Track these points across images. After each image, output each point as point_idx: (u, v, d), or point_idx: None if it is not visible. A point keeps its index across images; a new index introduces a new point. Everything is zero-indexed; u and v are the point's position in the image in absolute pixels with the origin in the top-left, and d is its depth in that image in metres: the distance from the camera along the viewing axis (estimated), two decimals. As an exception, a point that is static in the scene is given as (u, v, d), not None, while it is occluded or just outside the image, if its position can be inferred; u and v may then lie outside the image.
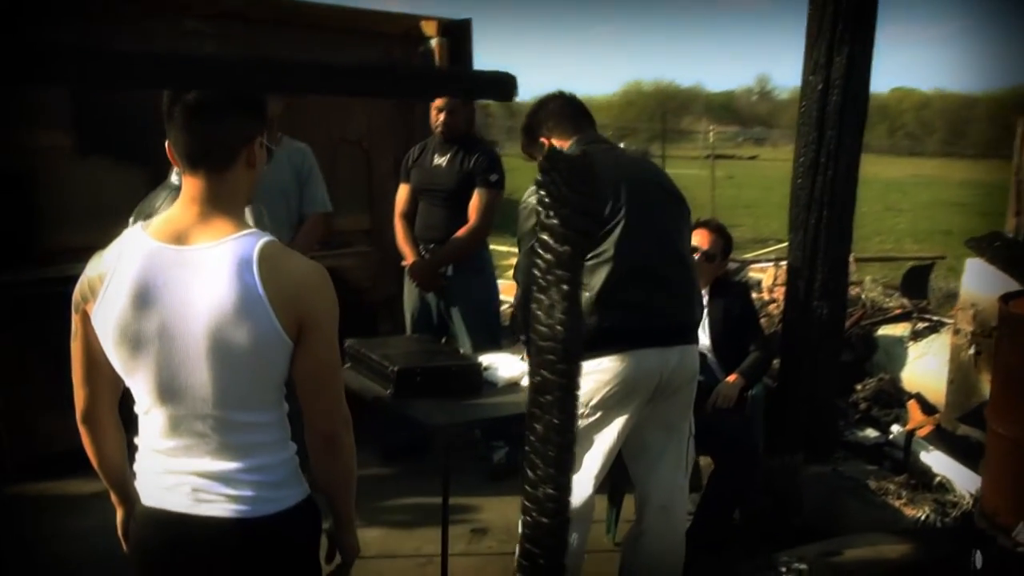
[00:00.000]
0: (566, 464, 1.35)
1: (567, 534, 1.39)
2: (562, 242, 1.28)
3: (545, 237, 1.31)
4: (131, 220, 2.91)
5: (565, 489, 1.35)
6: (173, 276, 1.87)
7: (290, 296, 1.88)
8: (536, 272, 1.34)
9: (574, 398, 1.33)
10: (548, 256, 1.31)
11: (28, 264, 4.85)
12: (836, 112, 4.23)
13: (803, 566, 2.14)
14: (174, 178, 3.00)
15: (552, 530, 1.36)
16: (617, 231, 3.08)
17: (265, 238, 1.92)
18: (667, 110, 32.99)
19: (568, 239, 1.27)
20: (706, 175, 21.70)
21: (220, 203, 1.93)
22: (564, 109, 3.42)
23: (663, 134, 20.98)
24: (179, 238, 1.90)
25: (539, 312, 1.33)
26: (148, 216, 2.29)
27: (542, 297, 1.32)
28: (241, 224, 1.94)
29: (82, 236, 1.99)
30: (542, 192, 1.31)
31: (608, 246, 3.08)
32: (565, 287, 1.28)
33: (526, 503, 1.39)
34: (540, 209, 1.32)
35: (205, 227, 1.91)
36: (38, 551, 4.11)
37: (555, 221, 1.28)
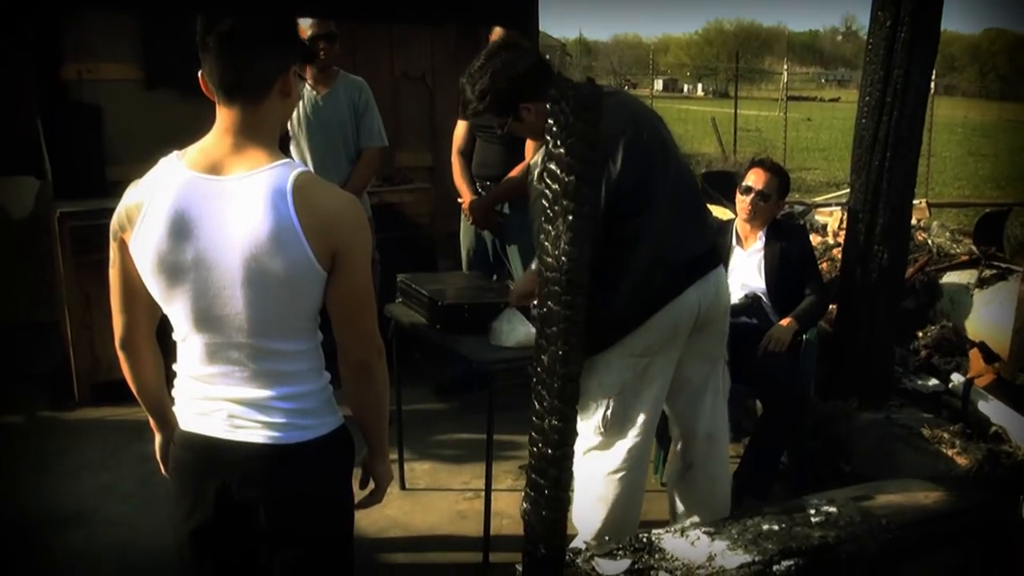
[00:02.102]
0: (571, 396, 1.35)
1: (571, 465, 1.40)
2: (568, 172, 1.27)
3: (552, 167, 1.30)
4: None
5: (570, 420, 1.36)
6: (208, 206, 1.90)
7: (324, 226, 1.90)
8: (543, 203, 1.34)
9: (578, 329, 1.33)
10: (555, 186, 1.30)
11: (96, 195, 4.96)
12: (905, 49, 4.08)
13: (832, 509, 2.12)
14: None
15: (557, 461, 1.37)
16: (659, 184, 3.00)
17: (299, 168, 1.94)
18: (747, 50, 32.19)
19: (574, 169, 1.26)
20: (781, 117, 21.29)
21: (254, 133, 1.95)
22: (538, 67, 3.10)
23: (737, 74, 20.55)
24: (214, 168, 1.92)
25: (545, 243, 1.33)
26: None
27: (548, 228, 1.32)
28: (275, 154, 1.95)
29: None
30: (549, 121, 1.30)
31: (650, 201, 2.99)
32: (571, 217, 1.27)
33: (532, 434, 1.40)
34: (547, 139, 1.31)
35: (239, 157, 1.92)
36: (100, 474, 4.26)
37: (561, 151, 1.27)
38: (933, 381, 4.69)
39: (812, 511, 2.12)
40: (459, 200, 5.01)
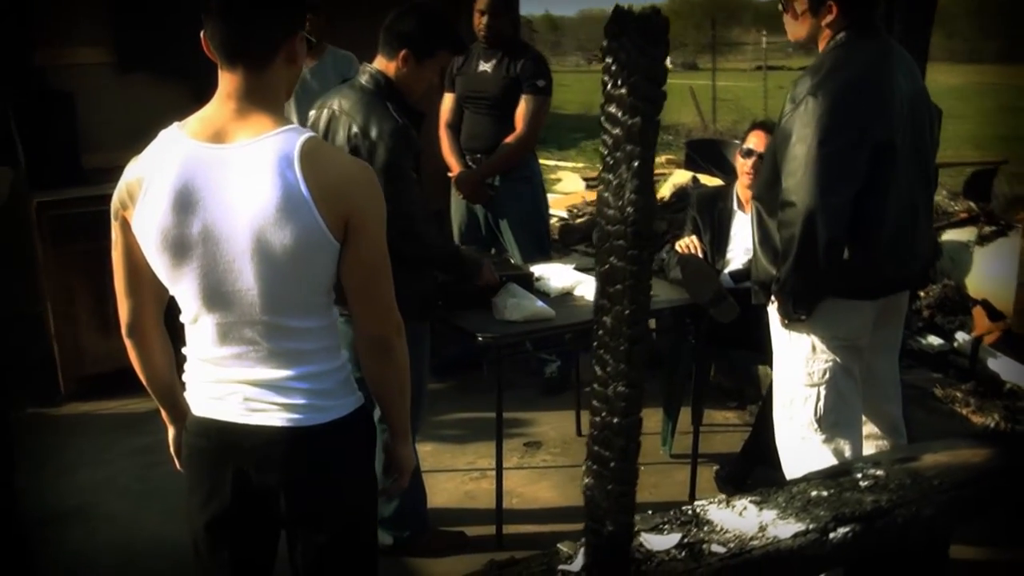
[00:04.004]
0: (638, 359, 1.25)
1: (638, 435, 1.29)
2: (632, 113, 1.16)
3: (612, 109, 1.19)
4: None
5: (637, 385, 1.26)
6: (213, 176, 1.78)
7: (334, 194, 1.78)
8: (602, 150, 1.23)
9: (646, 287, 1.22)
10: (615, 131, 1.19)
11: (73, 183, 4.81)
12: (901, 10, 4.00)
13: (880, 472, 2.03)
14: None
15: (624, 430, 1.27)
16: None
17: (307, 134, 1.82)
18: (716, 20, 32.14)
19: (639, 109, 1.16)
20: (755, 86, 21.22)
21: (258, 99, 1.83)
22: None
23: (714, 42, 20.44)
24: (217, 136, 1.80)
25: (606, 194, 1.22)
26: None
27: (609, 176, 1.21)
28: (281, 120, 1.84)
29: (127, 154, 1.89)
30: (608, 60, 1.19)
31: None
32: (636, 163, 1.16)
33: (595, 403, 1.30)
34: (604, 79, 1.20)
35: (243, 123, 1.81)
36: (94, 470, 4.13)
37: (623, 91, 1.16)
38: (938, 340, 4.64)
39: (859, 475, 2.03)
40: (449, 175, 4.89)
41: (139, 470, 3.99)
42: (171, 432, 2.15)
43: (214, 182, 1.78)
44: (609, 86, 1.18)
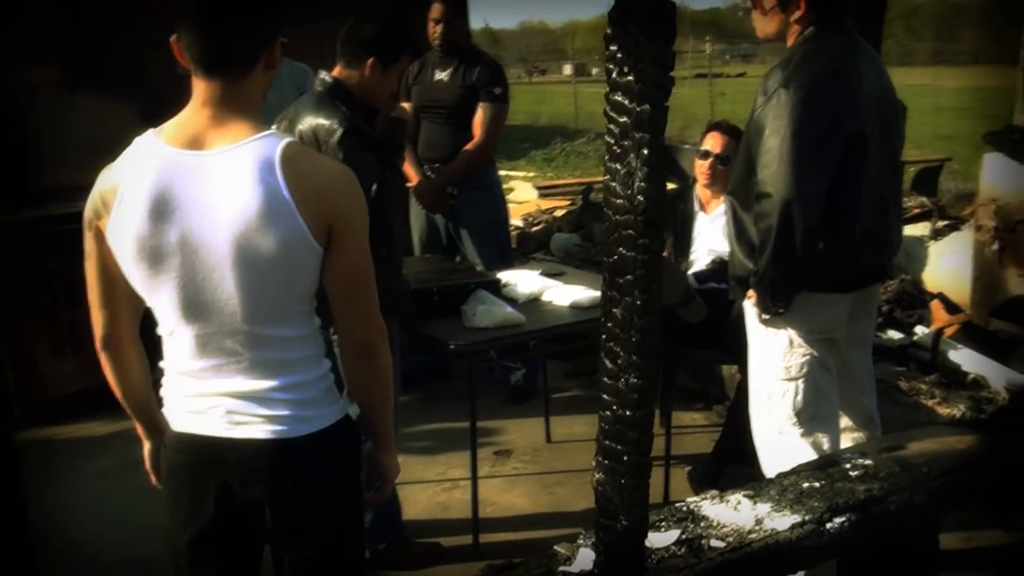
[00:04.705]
0: (649, 350, 1.23)
1: (651, 427, 1.28)
2: (640, 100, 1.15)
3: (618, 98, 1.18)
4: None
5: (649, 377, 1.24)
6: (191, 183, 1.74)
7: (317, 198, 1.75)
8: (608, 139, 1.21)
9: (656, 276, 1.21)
10: (623, 119, 1.18)
11: (25, 204, 4.70)
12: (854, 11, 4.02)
13: (868, 461, 2.04)
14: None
15: (637, 422, 1.25)
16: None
17: (287, 138, 1.79)
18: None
19: (648, 96, 1.14)
20: (697, 93, 21.44)
21: (236, 105, 1.79)
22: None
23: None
24: (194, 142, 1.76)
25: (614, 184, 1.20)
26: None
27: (616, 166, 1.20)
28: (259, 125, 1.80)
29: (79, 173, 1.85)
30: (612, 47, 1.17)
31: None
32: (646, 151, 1.15)
33: (605, 396, 1.28)
34: (609, 67, 1.19)
35: (221, 130, 1.77)
36: (54, 495, 4.02)
37: (631, 78, 1.15)
38: (898, 335, 4.69)
39: (848, 465, 2.04)
40: (408, 185, 4.85)
41: (103, 493, 3.89)
42: (147, 447, 2.09)
43: (192, 189, 1.74)
44: (615, 74, 1.17)
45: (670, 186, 5.59)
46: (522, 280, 3.78)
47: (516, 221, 7.67)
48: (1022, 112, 6.25)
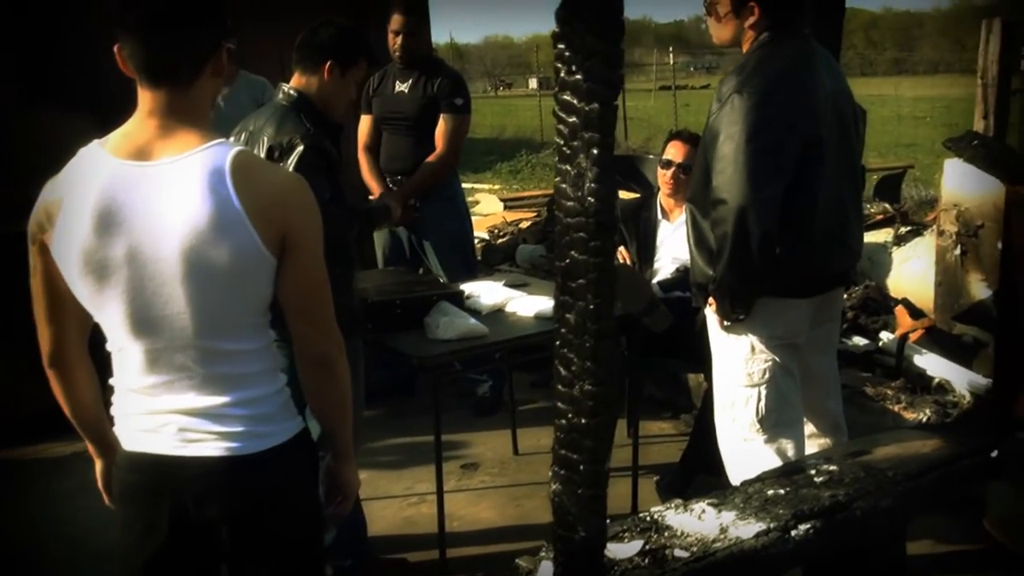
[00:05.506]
0: (604, 355, 1.20)
1: (610, 435, 1.25)
2: (589, 99, 1.12)
3: (567, 97, 1.15)
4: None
5: (606, 383, 1.21)
6: (138, 195, 1.69)
7: (270, 207, 1.71)
8: (558, 140, 1.18)
9: (610, 280, 1.18)
10: (571, 119, 1.15)
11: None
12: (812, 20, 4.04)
13: (833, 467, 2.02)
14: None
15: (593, 430, 1.22)
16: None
17: (237, 147, 1.75)
18: (618, 43, 32.64)
19: (596, 94, 1.11)
20: (661, 105, 21.56)
21: (183, 114, 1.74)
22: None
23: (623, 63, 20.91)
24: (140, 153, 1.71)
25: (563, 185, 1.17)
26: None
27: (566, 167, 1.17)
28: (208, 135, 1.76)
29: (36, 190, 1.78)
30: (560, 46, 1.15)
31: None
32: (595, 151, 1.12)
33: (560, 405, 1.25)
34: (558, 66, 1.16)
35: (168, 140, 1.72)
36: (16, 518, 3.93)
37: (579, 76, 1.12)
38: (863, 341, 4.70)
39: (813, 472, 2.02)
40: (370, 198, 4.81)
41: (66, 514, 3.80)
42: (99, 466, 2.03)
43: (139, 201, 1.69)
44: (563, 73, 1.14)
45: (632, 195, 5.59)
46: (485, 291, 3.75)
47: (482, 233, 7.64)
48: (981, 119, 6.31)
